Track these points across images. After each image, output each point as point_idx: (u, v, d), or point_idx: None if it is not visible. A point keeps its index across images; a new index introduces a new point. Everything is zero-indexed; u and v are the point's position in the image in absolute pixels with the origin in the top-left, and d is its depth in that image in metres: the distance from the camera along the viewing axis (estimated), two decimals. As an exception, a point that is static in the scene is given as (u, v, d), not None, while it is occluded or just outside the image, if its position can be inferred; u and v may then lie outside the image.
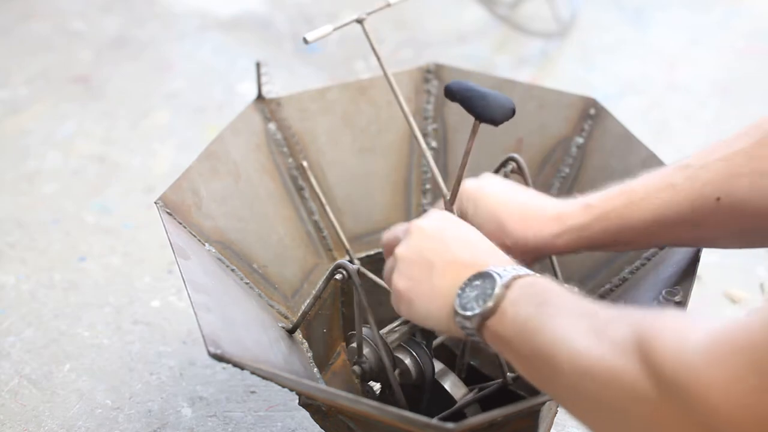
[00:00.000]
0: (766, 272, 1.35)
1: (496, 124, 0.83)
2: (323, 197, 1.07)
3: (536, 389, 0.68)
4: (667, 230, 0.81)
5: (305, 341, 0.98)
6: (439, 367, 0.91)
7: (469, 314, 0.70)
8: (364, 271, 1.05)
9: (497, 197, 0.88)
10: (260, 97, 1.07)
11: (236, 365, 0.73)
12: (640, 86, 1.86)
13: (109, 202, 1.52)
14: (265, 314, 0.93)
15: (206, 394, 1.16)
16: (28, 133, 1.71)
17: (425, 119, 1.12)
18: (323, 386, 0.91)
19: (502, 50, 2.01)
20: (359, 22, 0.92)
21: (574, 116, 1.06)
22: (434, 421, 0.69)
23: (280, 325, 0.95)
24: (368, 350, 0.88)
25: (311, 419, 0.90)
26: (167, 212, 0.90)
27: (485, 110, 0.83)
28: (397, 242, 0.79)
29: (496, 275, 0.70)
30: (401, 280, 0.76)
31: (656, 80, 1.89)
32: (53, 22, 2.09)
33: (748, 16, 2.11)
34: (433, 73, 1.13)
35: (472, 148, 0.85)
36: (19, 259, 1.39)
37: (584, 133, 1.05)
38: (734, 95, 1.82)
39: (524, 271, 0.71)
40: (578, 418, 0.62)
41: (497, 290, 0.69)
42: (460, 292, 0.72)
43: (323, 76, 1.87)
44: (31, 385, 1.17)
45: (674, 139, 1.68)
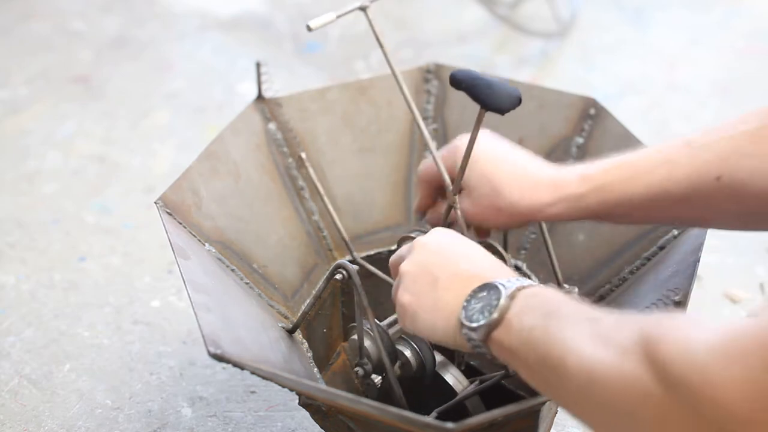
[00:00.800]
0: (766, 272, 1.35)
1: (502, 112, 0.82)
2: (322, 189, 1.06)
3: (536, 389, 0.68)
4: (664, 207, 0.80)
5: (305, 341, 0.98)
6: (439, 359, 0.91)
7: (474, 326, 0.70)
8: (364, 264, 1.05)
9: (492, 159, 0.87)
10: (260, 97, 1.07)
11: (236, 365, 0.73)
12: (640, 86, 1.86)
13: (109, 202, 1.52)
14: (265, 314, 0.93)
15: (206, 394, 1.16)
16: (28, 133, 1.71)
17: (425, 119, 1.12)
18: (323, 386, 0.90)
19: (502, 50, 2.01)
20: (362, 9, 0.92)
21: (574, 116, 1.06)
22: (434, 421, 0.68)
23: (280, 325, 0.95)
24: (369, 343, 0.87)
25: (311, 419, 0.90)
26: (167, 212, 0.90)
27: (491, 98, 0.82)
28: (402, 260, 0.79)
29: (500, 286, 0.70)
30: (406, 294, 0.76)
31: (656, 80, 1.89)
32: (53, 22, 2.09)
33: (748, 16, 2.11)
34: (433, 73, 1.13)
35: (477, 137, 0.85)
36: (19, 259, 1.39)
37: (584, 133, 1.05)
38: (734, 95, 1.82)
39: (528, 282, 0.71)
40: (587, 423, 0.62)
41: (502, 301, 0.69)
42: (465, 304, 0.72)
43: (323, 76, 1.87)
44: (31, 385, 1.17)
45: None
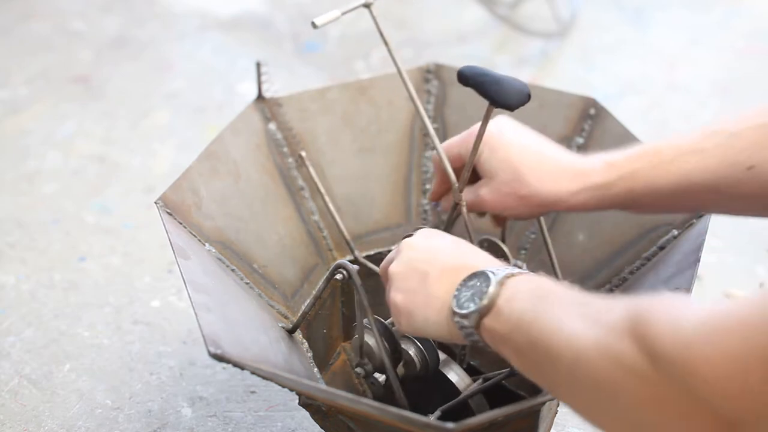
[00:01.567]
0: (766, 272, 1.35)
1: (511, 108, 0.82)
2: (322, 188, 1.06)
3: (537, 388, 0.68)
4: (692, 195, 0.79)
5: (305, 341, 0.98)
6: (442, 357, 0.91)
7: (465, 312, 0.70)
8: (365, 263, 1.05)
9: (517, 145, 0.86)
10: (260, 97, 1.07)
11: (236, 365, 0.73)
12: (640, 86, 1.86)
13: (109, 202, 1.52)
14: (265, 314, 0.93)
15: (206, 394, 1.16)
16: (28, 133, 1.71)
17: (425, 119, 1.12)
18: (323, 386, 0.90)
19: (502, 50, 2.01)
20: (366, 6, 0.92)
21: (574, 116, 1.06)
22: (434, 421, 0.69)
23: (280, 325, 0.95)
24: (372, 342, 0.87)
25: (311, 419, 0.90)
26: (167, 212, 0.90)
27: (500, 95, 0.82)
28: (383, 273, 0.80)
29: (490, 273, 0.70)
30: (398, 294, 0.77)
31: (656, 80, 1.89)
32: (53, 22, 2.09)
33: (748, 16, 2.11)
34: (433, 73, 1.13)
35: (484, 132, 0.85)
36: (19, 259, 1.39)
37: (584, 133, 1.05)
38: (734, 95, 1.82)
39: (517, 270, 0.71)
40: (576, 406, 0.62)
41: (492, 288, 0.69)
42: (456, 293, 0.72)
43: (323, 76, 1.87)
44: (31, 385, 1.17)
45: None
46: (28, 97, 1.82)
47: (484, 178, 0.87)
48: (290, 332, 0.95)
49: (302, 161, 1.06)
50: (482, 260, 0.75)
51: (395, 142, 1.12)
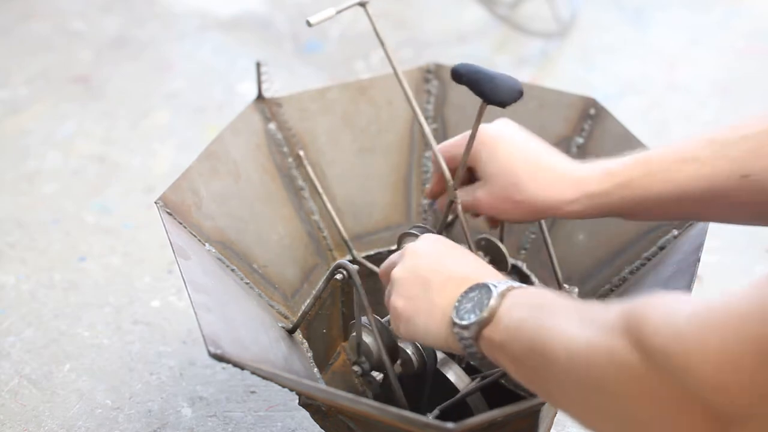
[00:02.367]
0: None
1: (503, 105, 0.82)
2: (320, 187, 1.06)
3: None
4: (688, 204, 0.80)
5: (305, 341, 0.98)
6: (441, 356, 0.91)
7: (465, 323, 0.71)
8: (364, 262, 1.05)
9: (515, 150, 0.85)
10: (260, 97, 1.07)
11: (236, 365, 0.73)
12: (640, 86, 1.86)
13: (109, 202, 1.52)
14: (265, 314, 0.93)
15: (206, 394, 1.16)
16: (28, 133, 1.71)
17: (425, 119, 1.12)
18: (323, 386, 0.90)
19: (502, 50, 2.01)
20: (362, 5, 0.92)
21: (574, 116, 1.06)
22: (434, 421, 0.69)
23: (280, 325, 0.95)
24: (370, 340, 0.87)
25: (311, 419, 0.90)
26: (167, 212, 0.90)
27: (493, 92, 0.82)
28: (393, 268, 0.80)
29: (491, 286, 0.71)
30: (399, 300, 0.77)
31: (656, 80, 1.89)
32: (53, 22, 2.09)
33: (748, 16, 2.11)
34: (433, 73, 1.13)
35: (477, 130, 0.85)
36: (19, 259, 1.39)
37: (584, 133, 1.05)
38: (734, 95, 1.82)
39: (518, 284, 0.72)
40: (570, 409, 0.63)
41: (493, 300, 0.69)
42: (457, 304, 0.72)
43: (323, 76, 1.87)
44: (31, 385, 1.17)
45: (674, 139, 1.67)
46: (28, 97, 1.82)
47: (481, 180, 0.87)
48: (290, 332, 0.95)
49: (300, 161, 1.06)
50: (486, 272, 0.76)
51: (395, 142, 1.12)
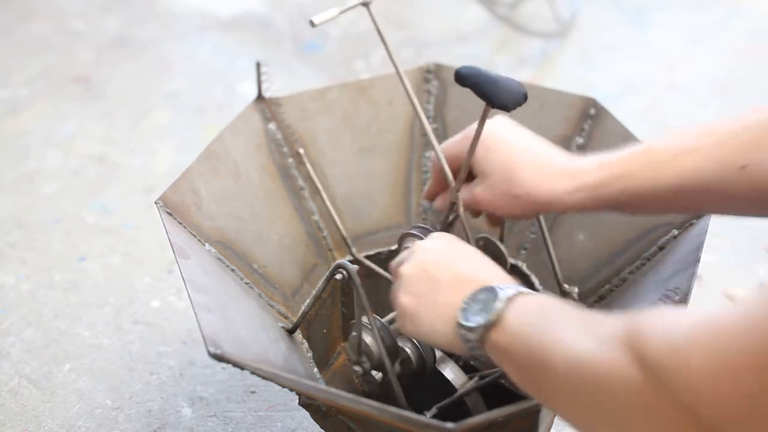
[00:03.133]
0: (766, 272, 1.35)
1: (507, 109, 0.82)
2: (320, 186, 1.06)
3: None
4: (686, 196, 0.79)
5: (305, 341, 0.98)
6: (439, 355, 0.91)
7: (471, 325, 0.70)
8: (365, 261, 1.05)
9: (512, 145, 0.85)
10: (260, 97, 1.07)
11: (236, 365, 0.73)
12: (640, 86, 1.86)
13: (109, 202, 1.52)
14: (265, 314, 0.93)
15: (206, 394, 1.16)
16: (28, 133, 1.71)
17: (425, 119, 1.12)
18: (323, 386, 0.90)
19: (502, 50, 2.01)
20: (365, 5, 0.92)
21: (574, 116, 1.06)
22: (434, 421, 0.69)
23: (280, 325, 0.95)
24: (370, 339, 0.87)
25: (311, 419, 0.90)
26: (167, 212, 0.90)
27: (496, 95, 0.82)
28: (393, 274, 0.80)
29: (499, 290, 0.71)
30: (406, 297, 0.77)
31: (656, 80, 1.89)
32: (53, 22, 2.09)
33: (748, 16, 2.11)
34: (433, 73, 1.13)
35: (481, 134, 0.85)
36: (19, 259, 1.39)
37: (584, 133, 1.05)
38: (734, 95, 1.82)
39: (527, 289, 0.72)
40: (568, 416, 0.63)
41: (500, 304, 0.69)
42: (464, 306, 0.72)
43: (323, 76, 1.87)
44: (31, 385, 1.17)
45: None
46: (28, 97, 1.81)
47: (479, 177, 0.87)
48: (290, 332, 0.95)
49: (300, 158, 1.06)
50: (495, 275, 0.75)
51: (395, 142, 1.12)
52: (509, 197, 0.84)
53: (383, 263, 1.07)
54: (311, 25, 0.89)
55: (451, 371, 0.91)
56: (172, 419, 1.12)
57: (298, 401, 0.89)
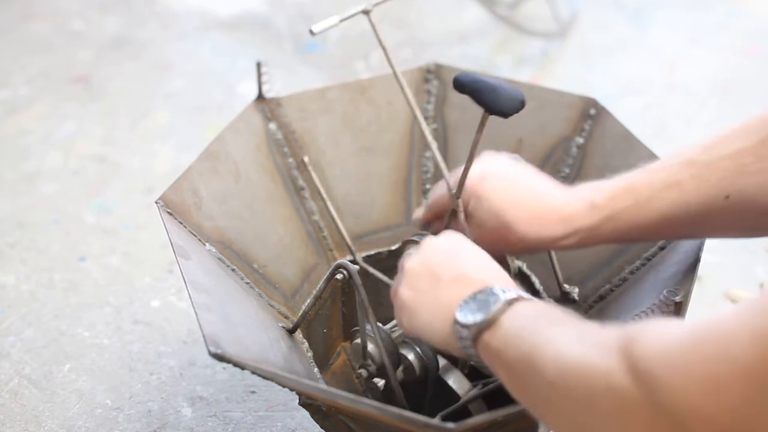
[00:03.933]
0: (766, 272, 1.35)
1: (505, 116, 0.83)
2: (325, 194, 1.06)
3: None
4: (675, 227, 0.81)
5: (305, 341, 0.98)
6: (442, 362, 0.91)
7: (467, 323, 0.71)
8: (365, 266, 1.05)
9: (501, 191, 0.86)
10: (260, 97, 1.07)
11: (236, 365, 0.73)
12: (639, 86, 1.86)
13: (109, 202, 1.52)
14: (265, 314, 0.93)
15: (206, 394, 1.16)
16: (28, 133, 1.71)
17: (425, 119, 1.12)
18: (323, 386, 0.90)
19: (502, 50, 2.01)
20: (366, 13, 0.92)
21: (574, 116, 1.06)
22: (434, 421, 0.68)
23: (280, 325, 0.95)
24: (371, 347, 0.87)
25: (311, 419, 0.90)
26: (167, 212, 0.90)
27: (495, 102, 0.82)
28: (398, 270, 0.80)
29: (500, 292, 0.71)
30: (407, 290, 0.77)
31: (656, 80, 1.89)
32: (53, 22, 2.09)
33: (748, 16, 2.11)
34: (433, 73, 1.13)
35: (480, 140, 0.85)
36: (19, 259, 1.39)
37: (584, 133, 1.05)
38: (734, 95, 1.82)
39: (528, 296, 0.72)
40: (554, 423, 0.62)
41: (498, 305, 0.69)
42: (462, 304, 0.72)
43: (323, 76, 1.87)
44: (31, 385, 1.17)
45: (674, 139, 1.68)
46: (28, 97, 1.82)
47: (470, 222, 0.88)
48: (290, 332, 0.95)
49: (305, 166, 1.06)
50: (499, 278, 0.75)
51: (395, 142, 1.12)
52: (503, 243, 0.85)
53: (383, 263, 1.07)
54: (311, 33, 0.90)
55: (454, 379, 0.91)
56: (172, 419, 1.12)
57: (298, 401, 0.89)
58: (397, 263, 0.82)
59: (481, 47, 2.02)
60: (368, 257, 1.08)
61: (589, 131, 1.05)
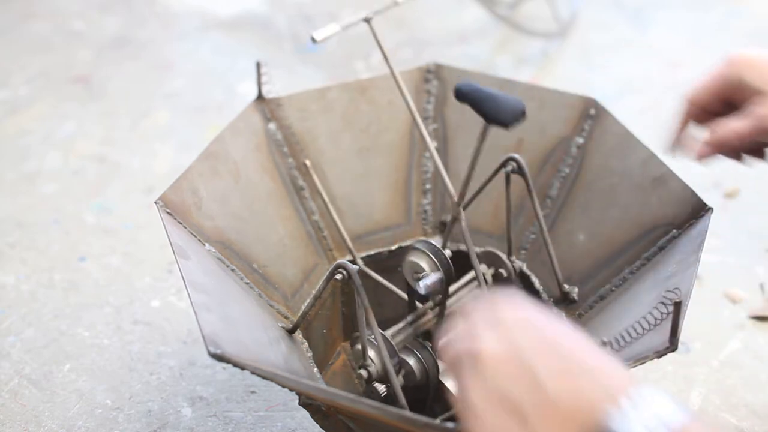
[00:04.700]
0: (766, 272, 1.35)
1: (506, 126, 0.83)
2: (326, 196, 1.06)
3: None
4: None
5: (305, 341, 0.98)
6: (443, 367, 0.91)
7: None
8: (366, 270, 1.05)
9: None
10: (260, 97, 1.07)
11: (236, 365, 0.73)
12: (639, 86, 1.86)
13: (109, 202, 1.52)
14: (265, 314, 0.93)
15: (206, 394, 1.16)
16: (28, 133, 1.71)
17: (425, 119, 1.12)
18: (323, 386, 0.90)
19: (502, 50, 2.01)
20: (367, 21, 0.92)
21: (574, 116, 1.06)
22: (434, 421, 0.68)
23: (280, 325, 0.95)
24: (373, 353, 0.88)
25: (311, 419, 0.90)
26: (167, 212, 0.90)
27: (495, 112, 0.82)
28: (455, 355, 0.60)
29: (671, 402, 0.51)
30: (490, 398, 0.57)
31: (656, 80, 1.89)
32: (53, 22, 2.09)
33: (748, 16, 2.11)
34: (433, 73, 1.13)
35: (481, 150, 0.85)
36: (19, 259, 1.39)
37: (584, 133, 1.05)
38: (734, 95, 1.82)
39: (680, 415, 0.51)
40: None
41: (680, 416, 0.50)
42: (611, 411, 0.51)
43: (323, 76, 1.87)
44: (31, 385, 1.17)
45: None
46: (28, 97, 1.82)
47: (756, 97, 0.84)
48: (290, 332, 0.95)
49: (306, 170, 1.06)
50: (610, 392, 0.52)
51: (395, 142, 1.12)
52: None
53: (383, 263, 1.07)
54: (312, 41, 0.90)
55: (454, 384, 0.91)
56: (172, 419, 1.12)
57: (298, 401, 0.89)
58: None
59: (481, 47, 2.02)
60: (368, 257, 1.08)
61: (589, 131, 1.05)
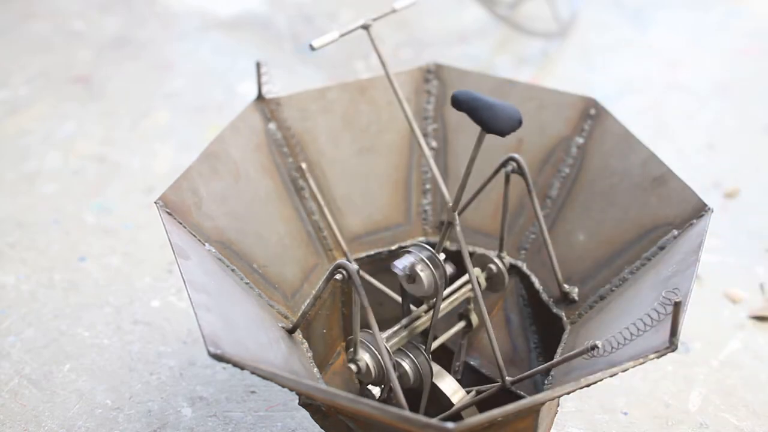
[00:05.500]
0: (766, 272, 1.35)
1: (502, 135, 0.83)
2: (322, 199, 1.07)
3: (536, 389, 0.67)
4: None
5: (305, 341, 0.98)
6: (436, 369, 0.91)
7: None
8: (362, 274, 1.05)
9: None
10: (260, 97, 1.07)
11: (236, 365, 0.73)
12: (639, 86, 1.86)
13: (109, 202, 1.52)
14: (265, 314, 0.93)
15: (206, 394, 1.16)
16: (28, 133, 1.71)
17: (425, 119, 1.13)
18: (323, 386, 0.90)
19: (502, 50, 2.01)
20: (365, 28, 0.93)
21: (574, 116, 1.06)
22: (434, 420, 0.69)
23: (280, 325, 0.95)
24: (368, 355, 0.88)
25: (311, 419, 0.90)
26: (167, 212, 0.90)
27: (492, 121, 0.83)
28: None
29: None
30: None
31: (656, 80, 1.89)
32: (53, 22, 2.09)
33: (748, 16, 2.11)
34: (433, 73, 1.13)
35: (476, 156, 0.86)
36: (19, 259, 1.39)
37: (584, 133, 1.05)
38: (734, 95, 1.82)
39: None
40: None
41: None
42: None
43: (323, 76, 1.87)
44: (31, 385, 1.17)
45: (674, 139, 1.68)
46: (28, 97, 1.82)
47: None
48: (290, 332, 0.95)
49: (302, 173, 1.07)
50: None
51: (395, 142, 1.12)
52: None
53: (383, 263, 1.07)
54: (311, 48, 0.90)
55: (448, 386, 0.91)
56: (172, 419, 1.12)
57: (298, 401, 0.89)
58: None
59: (481, 47, 2.02)
60: (368, 257, 1.08)
61: (589, 131, 1.05)
